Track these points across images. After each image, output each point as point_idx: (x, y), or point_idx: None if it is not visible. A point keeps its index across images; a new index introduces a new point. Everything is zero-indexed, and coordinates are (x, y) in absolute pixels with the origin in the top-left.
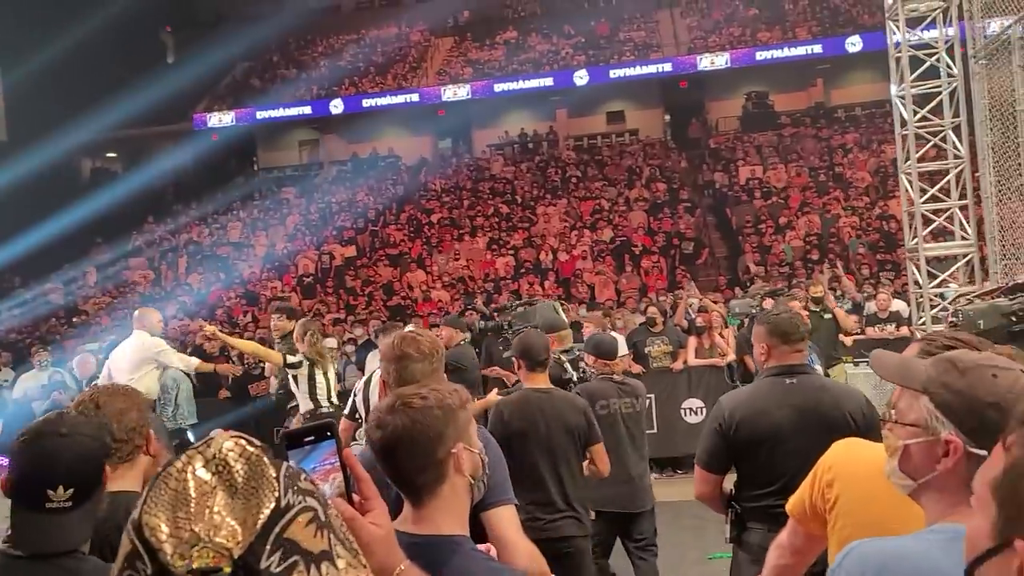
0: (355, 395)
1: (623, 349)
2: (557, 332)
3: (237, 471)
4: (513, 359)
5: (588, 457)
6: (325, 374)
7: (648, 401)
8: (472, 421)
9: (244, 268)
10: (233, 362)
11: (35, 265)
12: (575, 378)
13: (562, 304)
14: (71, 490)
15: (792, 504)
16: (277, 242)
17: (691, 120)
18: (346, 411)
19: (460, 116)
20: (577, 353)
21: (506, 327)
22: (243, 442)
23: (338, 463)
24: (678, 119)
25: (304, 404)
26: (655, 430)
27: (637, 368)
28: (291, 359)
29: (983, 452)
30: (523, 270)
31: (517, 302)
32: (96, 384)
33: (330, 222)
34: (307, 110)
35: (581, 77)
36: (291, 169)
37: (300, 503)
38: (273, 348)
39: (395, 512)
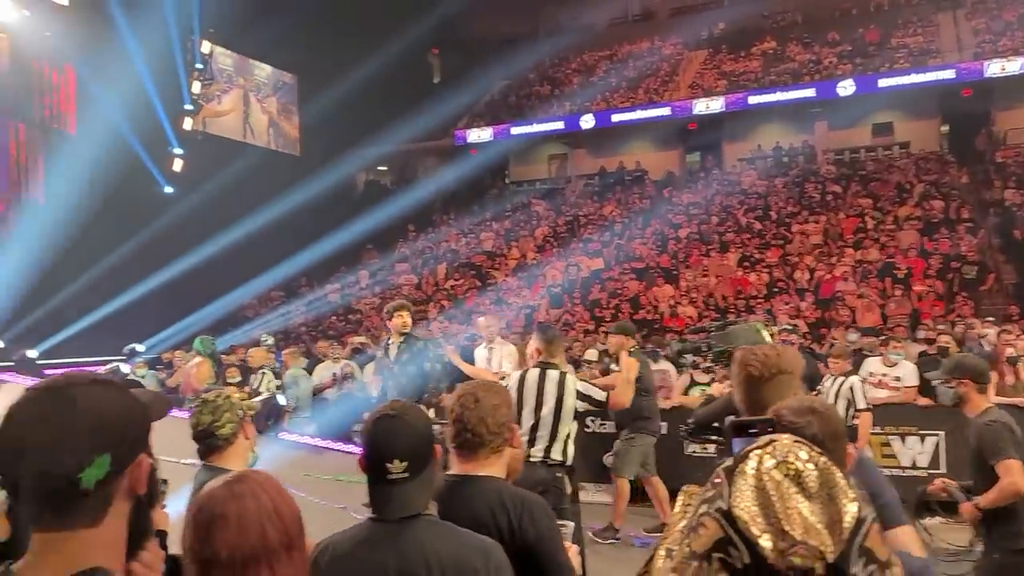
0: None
1: (912, 380)
2: None
3: (809, 476)
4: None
5: None
6: None
7: (936, 438)
8: None
9: (497, 276)
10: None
11: (318, 269)
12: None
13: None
14: (405, 463)
15: None
16: (527, 252)
17: (975, 132)
18: None
19: (711, 130)
20: None
21: (704, 348)
22: (808, 449)
23: None
24: (958, 131)
25: None
26: (942, 469)
27: (924, 401)
28: None
29: None
30: (776, 289)
31: (716, 322)
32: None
33: (577, 234)
34: (559, 125)
35: (845, 88)
36: (540, 182)
37: (870, 513)
38: None
39: None
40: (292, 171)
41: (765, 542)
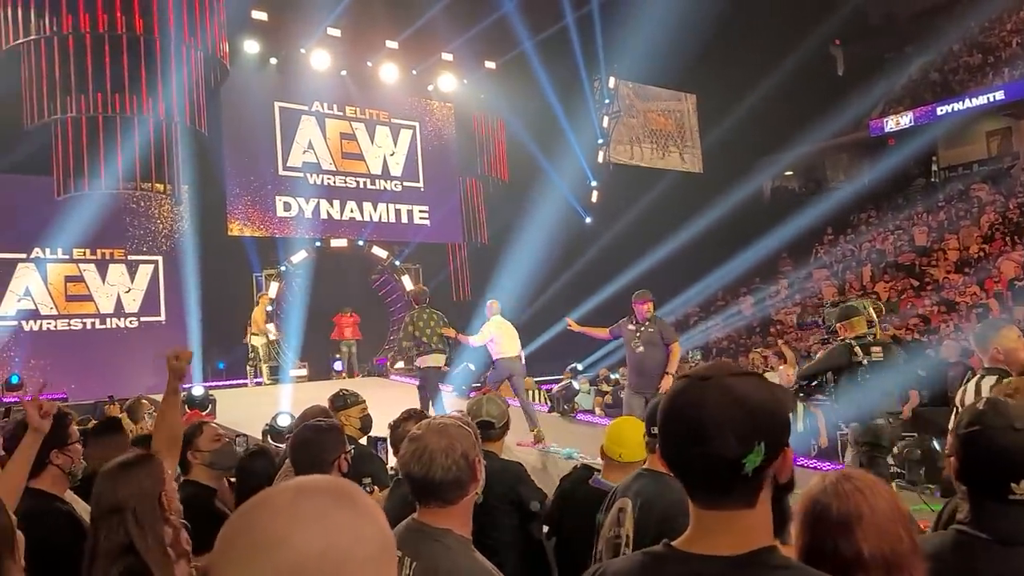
0: None
1: None
2: None
3: None
4: None
5: None
6: None
7: None
8: None
9: (936, 274)
10: None
11: (734, 284)
12: None
13: None
14: None
15: None
16: (970, 245)
17: None
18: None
19: None
20: None
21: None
22: None
23: None
24: None
25: None
26: None
27: None
28: None
29: None
30: None
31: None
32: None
33: None
34: (999, 95)
35: None
36: (979, 164)
37: None
38: None
39: None
40: (698, 190)
41: None
